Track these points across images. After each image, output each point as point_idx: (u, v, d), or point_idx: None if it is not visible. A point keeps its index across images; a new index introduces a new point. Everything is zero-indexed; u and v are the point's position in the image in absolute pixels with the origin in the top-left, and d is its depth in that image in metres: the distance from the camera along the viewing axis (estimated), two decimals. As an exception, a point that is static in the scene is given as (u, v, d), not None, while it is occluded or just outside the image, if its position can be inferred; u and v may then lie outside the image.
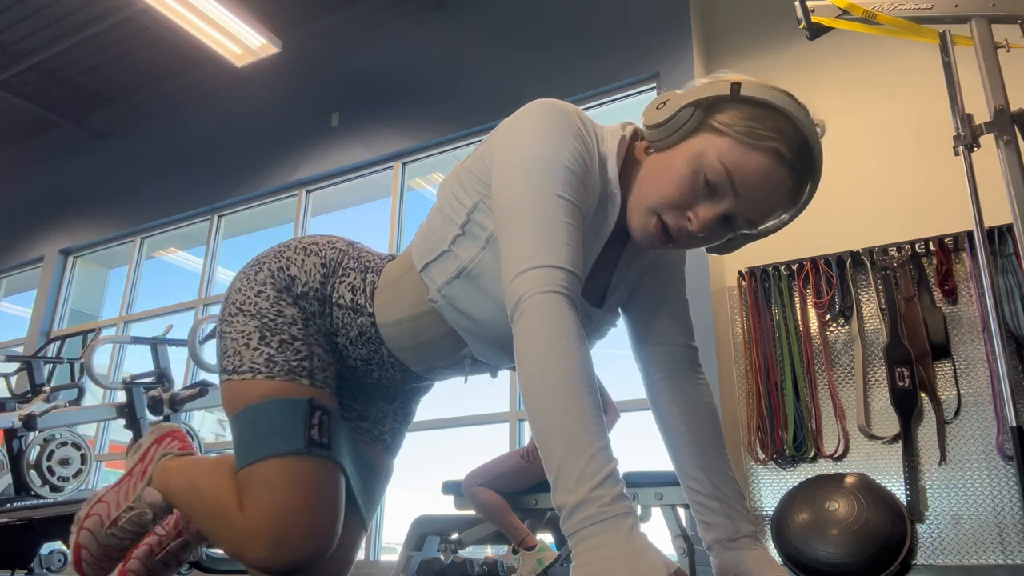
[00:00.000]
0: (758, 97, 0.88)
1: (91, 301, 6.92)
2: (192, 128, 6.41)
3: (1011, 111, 1.95)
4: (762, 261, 3.63)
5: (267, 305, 1.07)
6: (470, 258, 0.96)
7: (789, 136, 0.88)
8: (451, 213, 1.00)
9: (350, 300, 1.09)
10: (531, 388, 0.78)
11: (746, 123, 0.88)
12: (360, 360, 1.12)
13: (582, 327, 0.82)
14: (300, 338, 1.06)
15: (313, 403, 1.03)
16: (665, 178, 0.92)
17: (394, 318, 1.07)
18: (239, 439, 1.02)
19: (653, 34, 4.31)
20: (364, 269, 1.11)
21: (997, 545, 2.95)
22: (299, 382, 1.03)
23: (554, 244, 0.84)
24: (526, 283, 0.82)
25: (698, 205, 0.91)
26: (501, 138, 0.95)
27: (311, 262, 1.10)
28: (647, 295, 1.12)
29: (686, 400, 1.08)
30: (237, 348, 1.05)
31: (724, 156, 0.88)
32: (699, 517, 1.05)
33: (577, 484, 0.71)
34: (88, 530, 1.22)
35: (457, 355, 1.08)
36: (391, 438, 1.22)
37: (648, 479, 2.49)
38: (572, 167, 0.89)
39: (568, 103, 0.96)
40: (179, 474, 1.16)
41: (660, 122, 0.91)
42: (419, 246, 1.04)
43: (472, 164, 1.00)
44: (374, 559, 4.37)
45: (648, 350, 1.12)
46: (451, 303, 1.00)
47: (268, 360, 1.04)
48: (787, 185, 0.90)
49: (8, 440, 4.07)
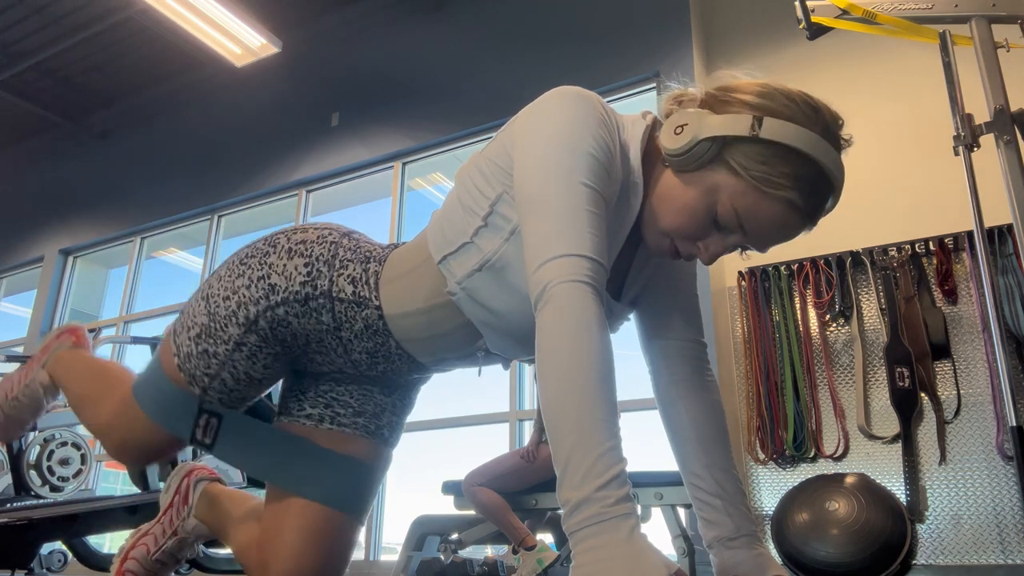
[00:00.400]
0: (777, 140, 0.85)
1: (91, 301, 6.92)
2: (192, 128, 6.41)
3: (1011, 111, 1.95)
4: (762, 261, 3.63)
5: (222, 313, 1.08)
6: (493, 250, 0.95)
7: (805, 182, 0.86)
8: (472, 204, 0.98)
9: (352, 293, 1.07)
10: (549, 378, 0.77)
11: (761, 168, 0.86)
12: (365, 353, 1.11)
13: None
14: (220, 357, 1.08)
15: (203, 407, 1.11)
16: (678, 205, 0.92)
17: (406, 309, 1.05)
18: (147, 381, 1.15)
19: (653, 34, 4.31)
20: (365, 259, 1.09)
21: (997, 545, 2.95)
22: (192, 388, 1.10)
23: (580, 233, 0.83)
24: (552, 272, 0.81)
25: (708, 237, 0.92)
26: (523, 126, 0.94)
27: (293, 265, 1.08)
28: (659, 289, 1.12)
29: (694, 397, 1.08)
30: (185, 324, 1.12)
31: (736, 200, 0.88)
32: (700, 514, 1.05)
33: (583, 481, 0.71)
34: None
35: (471, 347, 1.07)
36: (389, 431, 1.21)
37: (648, 479, 2.49)
38: (596, 155, 0.88)
39: (589, 91, 0.95)
40: (66, 365, 1.36)
41: (678, 151, 0.89)
42: (436, 237, 1.02)
43: (493, 153, 0.98)
44: (374, 559, 4.37)
45: (658, 345, 1.11)
46: (471, 296, 0.98)
47: (188, 355, 1.09)
48: (798, 227, 0.90)
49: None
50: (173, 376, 1.11)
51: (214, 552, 2.79)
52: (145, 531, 1.40)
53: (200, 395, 1.10)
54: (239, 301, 1.07)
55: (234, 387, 1.10)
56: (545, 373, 0.78)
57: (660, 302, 1.12)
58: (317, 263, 1.08)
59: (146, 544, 1.38)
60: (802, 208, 0.87)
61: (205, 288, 1.13)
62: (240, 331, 1.07)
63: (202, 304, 1.11)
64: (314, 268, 1.07)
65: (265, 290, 1.07)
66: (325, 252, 1.09)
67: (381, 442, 1.20)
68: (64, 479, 4.17)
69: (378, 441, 1.19)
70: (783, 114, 0.87)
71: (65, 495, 4.10)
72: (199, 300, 1.12)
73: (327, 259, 1.08)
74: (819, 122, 0.88)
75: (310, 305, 1.07)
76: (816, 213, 0.90)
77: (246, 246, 1.16)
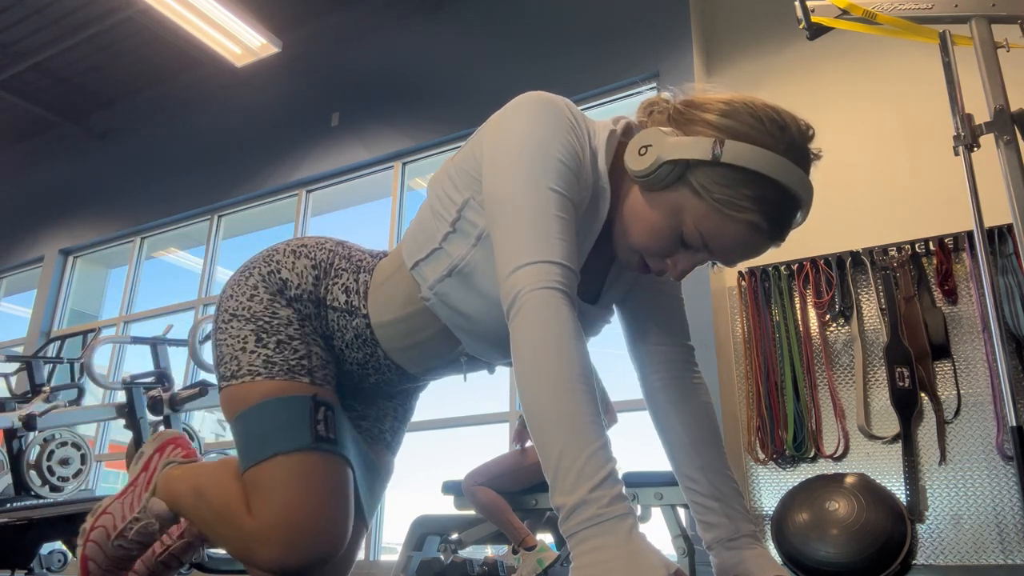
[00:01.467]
0: (738, 165, 0.84)
1: (91, 301, 6.92)
2: (192, 128, 6.41)
3: (1011, 111, 1.95)
4: (762, 261, 3.63)
5: (261, 308, 1.06)
6: (461, 256, 0.95)
7: (768, 204, 0.85)
8: (441, 210, 0.98)
9: (344, 302, 1.07)
10: (528, 386, 0.77)
11: (723, 191, 0.85)
12: (356, 364, 1.11)
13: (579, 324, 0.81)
14: (297, 337, 1.05)
15: (317, 399, 1.01)
16: (644, 225, 0.91)
17: (387, 318, 1.05)
18: (243, 441, 1.01)
19: (653, 34, 4.31)
20: (357, 269, 1.10)
21: (997, 545, 2.95)
22: (299, 380, 1.02)
23: (549, 239, 0.83)
24: (522, 279, 0.81)
25: (676, 254, 0.92)
26: (491, 132, 0.94)
27: (301, 264, 1.09)
28: (643, 293, 1.11)
29: (683, 400, 1.08)
30: (234, 353, 1.04)
31: (700, 222, 0.87)
32: (698, 517, 1.05)
33: (575, 485, 0.70)
34: (95, 542, 1.21)
35: (452, 353, 1.07)
36: (391, 436, 1.21)
37: (648, 479, 2.49)
38: (565, 160, 0.88)
39: (558, 96, 0.95)
40: (183, 481, 1.14)
41: (641, 172, 0.88)
42: (409, 244, 1.03)
43: (462, 160, 0.99)
44: (374, 559, 4.37)
45: (644, 350, 1.11)
46: (444, 301, 0.99)
47: (266, 361, 1.03)
48: (764, 246, 0.90)
49: (8, 440, 4.07)
50: (269, 393, 1.00)
51: (215, 553, 2.79)
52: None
53: (309, 383, 1.02)
54: (266, 292, 1.07)
55: (329, 358, 1.08)
56: (524, 382, 0.78)
57: (645, 306, 1.11)
58: (320, 267, 1.09)
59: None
60: (766, 230, 0.87)
61: (223, 315, 1.09)
62: (289, 310, 1.06)
63: (234, 323, 1.06)
64: (320, 270, 1.09)
65: (279, 284, 1.08)
66: (325, 258, 1.10)
67: (384, 447, 1.20)
68: (64, 479, 4.17)
69: (381, 446, 1.20)
70: (746, 135, 0.85)
71: (65, 495, 4.11)
72: (227, 326, 1.06)
73: (326, 266, 1.09)
74: (784, 140, 0.86)
75: (319, 310, 1.08)
76: (782, 232, 0.89)
77: (237, 271, 1.14)
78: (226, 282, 1.14)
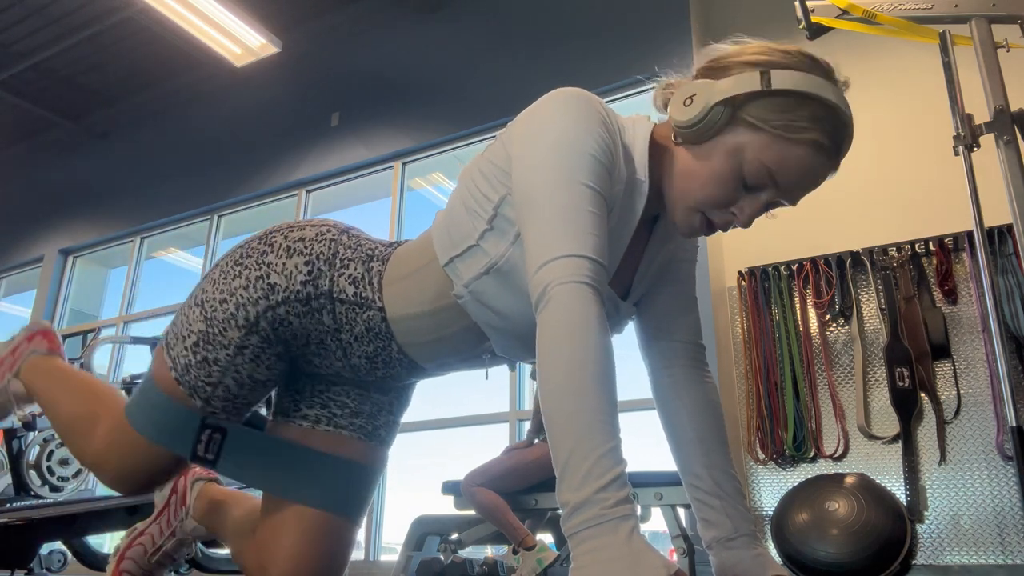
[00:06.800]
0: (790, 89, 0.87)
1: (91, 301, 6.92)
2: (192, 128, 6.41)
3: (1011, 111, 1.95)
4: (762, 261, 3.63)
5: (220, 317, 1.04)
6: (500, 254, 0.94)
7: (825, 121, 0.88)
8: (476, 207, 0.97)
9: (353, 294, 1.05)
10: (549, 379, 0.77)
11: (781, 116, 0.87)
12: (365, 357, 1.09)
13: (607, 319, 0.81)
14: (222, 363, 1.05)
15: (205, 422, 1.08)
16: (704, 176, 0.92)
17: (411, 311, 1.03)
18: (141, 400, 1.11)
19: (653, 34, 4.31)
20: (367, 258, 1.07)
21: (997, 545, 2.95)
22: (194, 401, 1.06)
23: (580, 233, 0.82)
24: (552, 272, 0.80)
25: (741, 200, 0.92)
26: (524, 127, 0.93)
27: (293, 263, 1.06)
28: (661, 291, 1.12)
29: (693, 398, 1.08)
30: (179, 335, 1.08)
31: (763, 154, 0.88)
32: (699, 515, 1.05)
33: (583, 483, 0.70)
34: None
35: (477, 350, 1.06)
36: (386, 431, 1.20)
37: (648, 479, 2.49)
38: (598, 155, 0.87)
39: (590, 92, 0.95)
40: (45, 377, 1.28)
41: (691, 121, 0.90)
42: (442, 239, 1.01)
43: (494, 155, 0.98)
44: (374, 559, 4.37)
45: (658, 346, 1.12)
46: (478, 299, 0.97)
47: (186, 366, 1.06)
48: (827, 167, 0.92)
49: (8, 440, 4.07)
50: (170, 391, 1.07)
51: (213, 552, 2.78)
52: (141, 531, 1.39)
53: (202, 407, 1.07)
54: (237, 303, 1.04)
55: (238, 393, 1.07)
56: (545, 374, 0.77)
57: (663, 303, 1.12)
58: (318, 262, 1.06)
59: (143, 544, 1.36)
60: (828, 146, 0.89)
61: (198, 294, 1.09)
62: (241, 334, 1.04)
63: (197, 311, 1.07)
64: (315, 267, 1.05)
65: (264, 290, 1.04)
66: (325, 250, 1.07)
67: (378, 442, 1.19)
68: (64, 479, 4.17)
69: (375, 442, 1.19)
70: (787, 65, 0.89)
71: (65, 495, 4.10)
72: (193, 307, 1.08)
73: (327, 258, 1.06)
74: (819, 67, 0.91)
75: (312, 305, 1.05)
76: (839, 151, 0.92)
77: (239, 246, 1.12)
78: (224, 255, 1.12)
